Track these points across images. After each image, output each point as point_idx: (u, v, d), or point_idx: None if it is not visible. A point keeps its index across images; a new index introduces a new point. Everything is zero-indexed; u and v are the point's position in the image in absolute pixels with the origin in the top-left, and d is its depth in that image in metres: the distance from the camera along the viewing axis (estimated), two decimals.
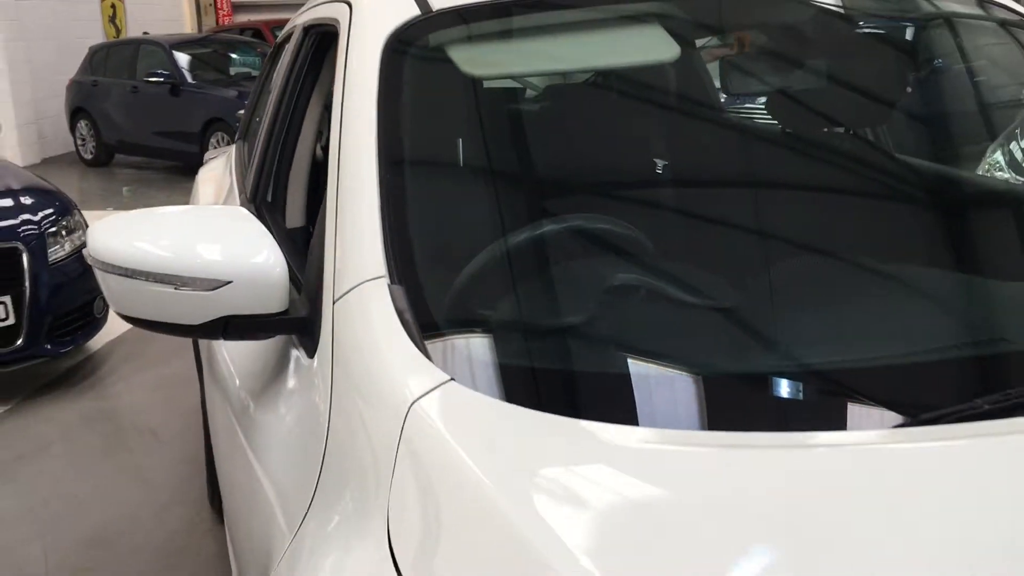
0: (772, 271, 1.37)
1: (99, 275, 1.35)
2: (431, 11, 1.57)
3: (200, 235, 1.32)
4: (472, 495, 0.93)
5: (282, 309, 1.33)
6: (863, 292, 1.34)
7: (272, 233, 1.37)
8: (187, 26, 16.72)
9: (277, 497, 1.26)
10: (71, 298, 4.30)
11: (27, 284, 4.11)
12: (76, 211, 4.59)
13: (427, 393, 1.05)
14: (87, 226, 4.45)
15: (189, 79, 10.10)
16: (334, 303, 1.26)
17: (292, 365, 1.40)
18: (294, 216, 2.12)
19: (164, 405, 4.20)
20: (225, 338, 1.34)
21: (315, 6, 2.11)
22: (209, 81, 10.17)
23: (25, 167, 8.57)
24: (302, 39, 2.13)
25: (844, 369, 1.17)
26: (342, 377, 1.19)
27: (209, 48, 11.28)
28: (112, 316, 4.81)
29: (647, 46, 1.64)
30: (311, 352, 1.30)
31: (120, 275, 1.31)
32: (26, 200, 4.42)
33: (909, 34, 1.92)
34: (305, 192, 2.12)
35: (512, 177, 1.49)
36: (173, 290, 1.29)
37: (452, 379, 1.07)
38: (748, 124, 1.65)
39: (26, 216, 4.26)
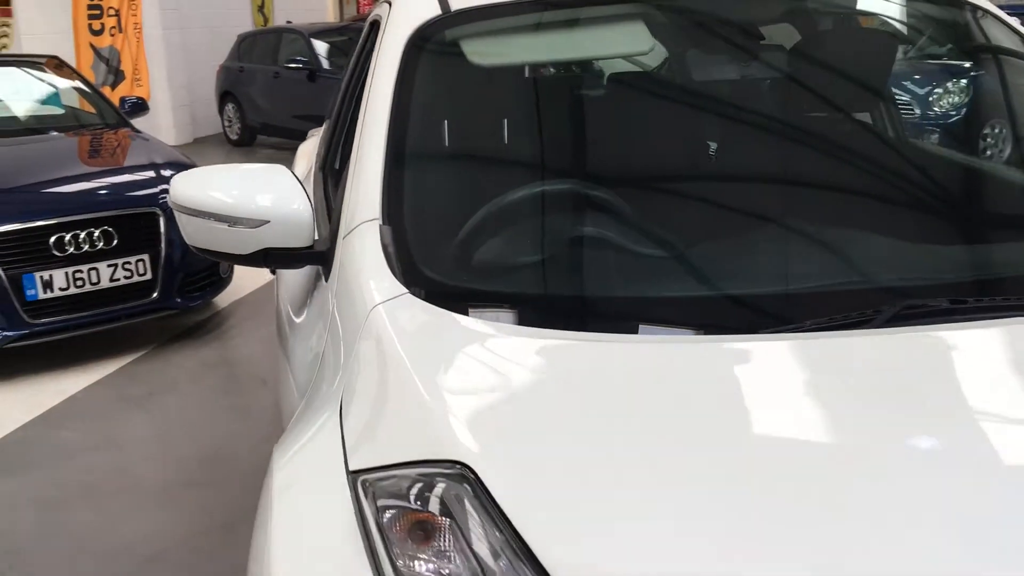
0: (687, 219, 1.69)
1: (177, 215, 1.78)
2: (450, 11, 1.94)
3: (249, 187, 1.73)
4: (395, 371, 1.30)
5: (308, 244, 1.73)
6: (765, 236, 1.64)
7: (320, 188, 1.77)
8: (329, 15, 17.59)
9: (295, 381, 1.67)
10: (200, 259, 4.87)
11: (163, 245, 4.71)
12: None
13: (386, 301, 1.43)
14: None
15: (325, 66, 10.77)
16: (343, 239, 1.65)
17: (316, 288, 1.80)
18: None
19: (275, 358, 4.73)
20: (265, 266, 1.75)
21: (378, 5, 2.51)
22: (343, 68, 10.82)
23: (178, 146, 9.43)
24: (368, 32, 2.54)
25: (708, 296, 1.50)
26: (341, 293, 1.58)
27: (346, 36, 11.93)
28: (236, 278, 5.41)
29: (627, 41, 1.97)
30: (327, 277, 1.70)
31: (190, 215, 1.74)
32: (166, 172, 5.03)
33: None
34: None
35: (488, 150, 1.86)
36: (227, 227, 1.71)
37: (407, 292, 1.44)
38: (708, 106, 1.96)
39: (165, 186, 4.86)
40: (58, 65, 6.39)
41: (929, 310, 1.38)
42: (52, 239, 4.42)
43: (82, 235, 4.47)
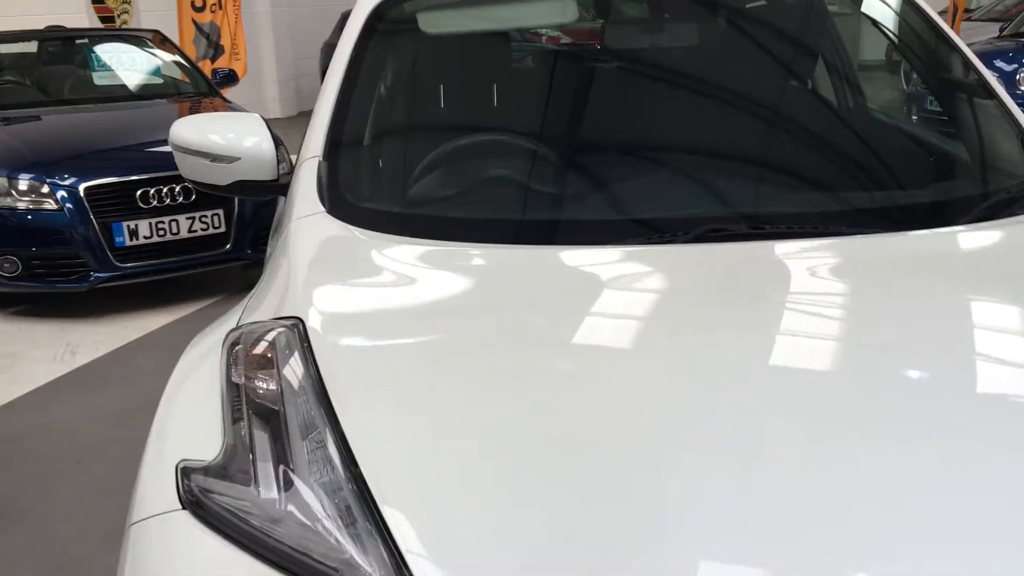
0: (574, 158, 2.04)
1: (175, 153, 2.21)
2: None
3: (225, 130, 2.15)
4: (286, 263, 1.69)
5: (273, 178, 2.14)
6: (639, 170, 1.97)
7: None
8: None
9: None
10: (270, 215, 5.37)
11: (235, 202, 5.23)
12: (282, 147, 5.69)
13: (304, 216, 1.82)
14: (290, 159, 5.53)
15: None
16: (299, 172, 2.05)
17: (283, 215, 2.21)
18: None
19: None
20: (240, 195, 2.17)
21: None
22: None
23: (282, 118, 9.98)
24: None
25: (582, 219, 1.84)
26: (285, 214, 1.98)
27: None
28: None
29: (557, 13, 2.31)
30: (288, 205, 2.11)
31: (183, 152, 2.17)
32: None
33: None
34: None
35: (414, 106, 2.23)
36: (209, 162, 2.13)
37: (324, 211, 1.83)
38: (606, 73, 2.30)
39: None
40: (161, 40, 7.02)
41: (730, 232, 1.70)
42: (138, 193, 4.99)
43: (164, 190, 5.02)
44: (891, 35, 2.43)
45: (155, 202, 5.02)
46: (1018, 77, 8.91)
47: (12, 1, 9.22)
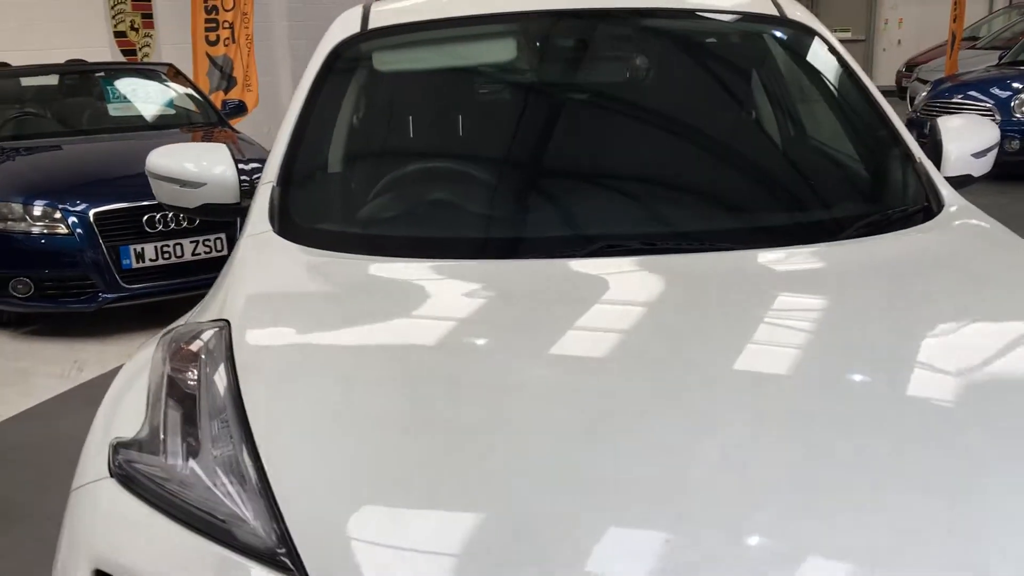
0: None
1: (150, 179, 2.45)
2: (367, 28, 2.55)
3: (195, 159, 2.39)
4: (230, 275, 1.92)
5: (236, 201, 2.37)
6: (547, 202, 2.20)
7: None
8: None
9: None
10: None
11: (237, 224, 5.49)
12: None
13: (254, 235, 2.05)
14: None
15: None
16: (255, 196, 2.28)
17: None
18: None
19: None
20: (206, 216, 2.40)
21: None
22: None
23: None
24: None
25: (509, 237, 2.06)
26: (241, 235, 2.21)
27: None
28: None
29: (498, 53, 2.54)
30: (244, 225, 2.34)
31: (158, 179, 2.41)
32: (243, 166, 5.83)
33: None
34: None
35: (361, 137, 2.47)
36: (180, 187, 2.37)
37: (271, 231, 2.06)
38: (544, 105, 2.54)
39: (245, 177, 5.66)
40: (175, 73, 7.34)
41: (626, 247, 1.91)
42: (145, 218, 5.26)
43: (170, 215, 5.29)
44: (809, 73, 2.63)
45: (161, 226, 5.29)
46: (1013, 104, 9.06)
47: (38, 35, 9.62)
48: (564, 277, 1.84)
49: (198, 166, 2.37)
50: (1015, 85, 9.30)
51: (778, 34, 2.62)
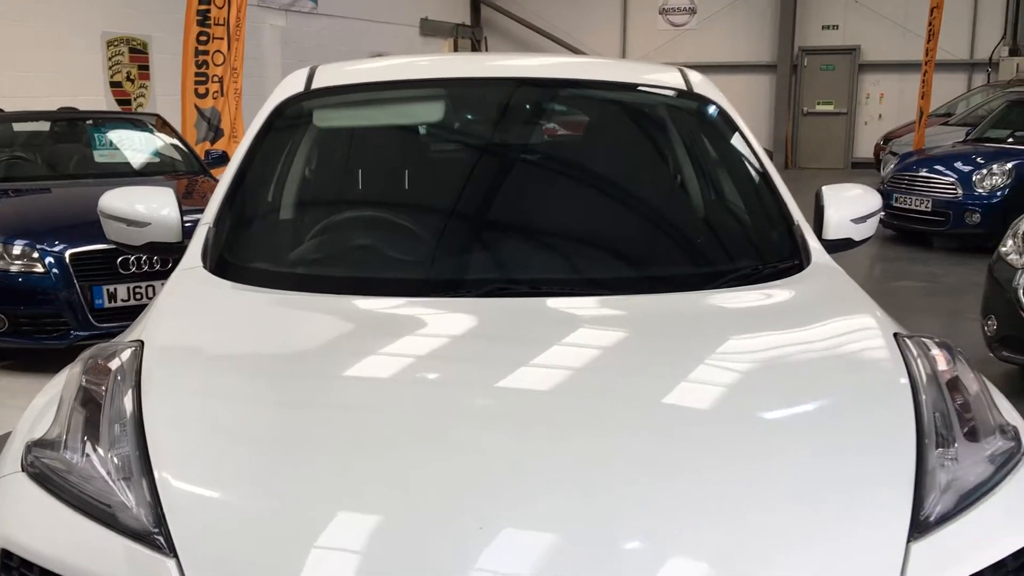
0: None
1: (101, 218, 2.67)
2: (310, 88, 2.80)
3: (143, 200, 2.61)
4: (153, 304, 2.13)
5: (178, 240, 2.59)
6: (460, 248, 2.43)
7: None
8: None
9: None
10: None
11: None
12: None
13: (187, 269, 2.27)
14: None
15: None
16: (194, 236, 2.50)
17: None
18: None
19: None
20: (151, 254, 2.62)
21: None
22: None
23: None
24: None
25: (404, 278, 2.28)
26: (176, 270, 2.43)
27: None
28: None
29: (426, 113, 2.79)
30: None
31: (107, 218, 2.63)
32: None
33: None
34: None
35: (291, 185, 2.70)
36: (126, 226, 2.59)
37: (201, 267, 2.28)
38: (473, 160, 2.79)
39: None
40: (163, 124, 7.63)
41: (515, 289, 2.15)
42: (119, 260, 5.48)
43: (144, 257, 5.51)
44: (708, 141, 2.88)
45: (134, 268, 5.51)
46: (974, 178, 9.38)
47: (36, 83, 9.96)
48: (450, 315, 2.08)
49: (146, 207, 2.59)
50: (978, 160, 9.63)
51: (683, 105, 2.88)
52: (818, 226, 2.59)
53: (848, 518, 1.46)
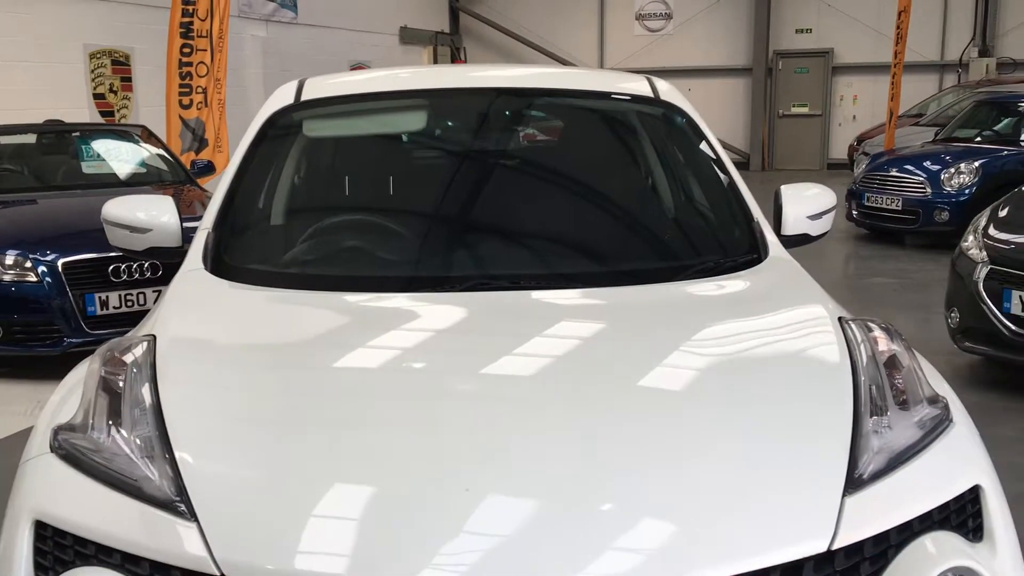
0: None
1: (105, 225, 2.83)
2: (300, 100, 2.97)
3: (144, 208, 2.77)
4: (161, 301, 2.30)
5: (178, 245, 2.75)
6: (445, 250, 2.61)
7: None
8: None
9: None
10: None
11: None
12: None
13: (190, 271, 2.44)
14: None
15: None
16: (194, 240, 2.66)
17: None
18: None
19: None
20: (153, 259, 2.79)
21: None
22: None
23: None
24: None
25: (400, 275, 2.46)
26: (179, 271, 2.60)
27: None
28: None
29: (409, 122, 2.98)
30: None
31: (111, 225, 2.79)
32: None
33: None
34: None
35: (285, 192, 2.87)
36: (129, 232, 2.76)
37: (203, 268, 2.45)
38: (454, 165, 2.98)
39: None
40: (148, 135, 7.77)
41: (497, 283, 2.34)
42: (111, 268, 5.63)
43: (135, 266, 5.66)
44: (674, 145, 3.08)
45: (125, 276, 5.66)
46: (943, 177, 9.63)
47: (20, 96, 10.06)
48: (435, 308, 2.27)
49: (147, 214, 2.75)
50: (946, 159, 9.89)
51: (651, 111, 3.07)
52: (777, 223, 2.78)
53: (790, 477, 1.64)
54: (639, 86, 3.07)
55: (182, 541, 1.54)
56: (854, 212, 10.51)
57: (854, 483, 1.64)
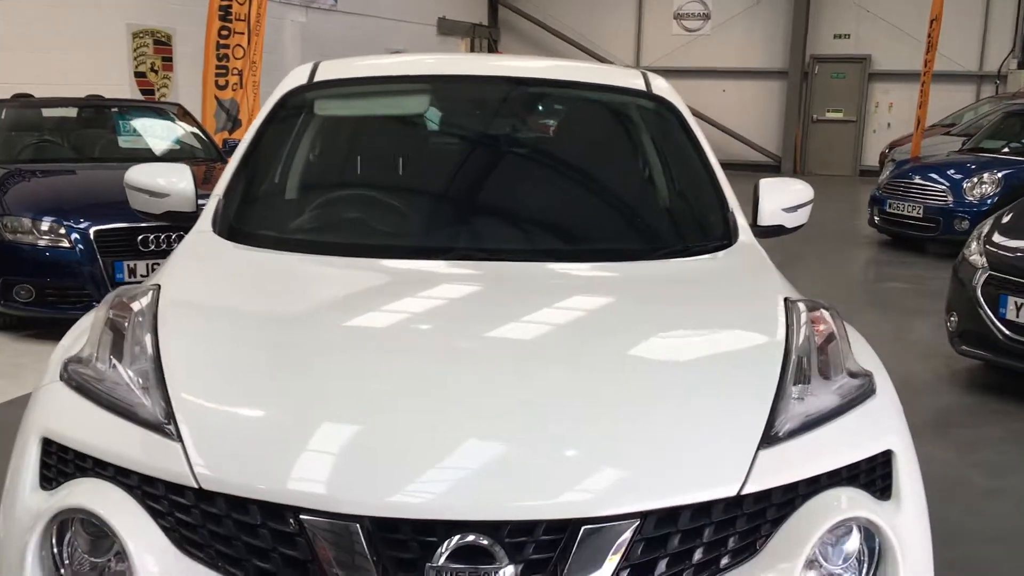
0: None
1: (127, 189, 3.06)
2: (313, 80, 3.18)
3: (163, 175, 3.00)
4: (169, 259, 2.53)
5: (193, 210, 2.97)
6: (443, 220, 2.82)
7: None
8: None
9: None
10: None
11: None
12: None
13: (200, 232, 2.66)
14: None
15: None
16: (207, 205, 2.88)
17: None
18: None
19: None
20: (169, 220, 3.01)
21: None
22: None
23: None
24: None
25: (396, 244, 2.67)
26: (191, 232, 2.81)
27: None
28: None
29: (412, 105, 3.18)
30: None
31: (132, 189, 3.02)
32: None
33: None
34: None
35: (294, 162, 3.08)
36: (148, 197, 2.98)
37: (211, 231, 2.67)
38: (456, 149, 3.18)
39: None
40: (184, 113, 8.05)
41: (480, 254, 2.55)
42: (140, 237, 5.90)
43: (163, 236, 5.93)
44: (662, 137, 3.25)
45: (153, 246, 5.93)
46: (965, 186, 9.68)
47: (65, 71, 10.40)
48: (422, 272, 2.48)
49: (166, 180, 2.98)
50: (970, 169, 9.92)
51: (642, 104, 3.24)
52: (754, 214, 2.95)
53: (714, 430, 1.83)
54: (633, 80, 3.24)
55: (167, 458, 1.75)
56: (876, 218, 10.58)
57: (769, 439, 1.81)
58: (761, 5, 19.18)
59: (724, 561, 1.72)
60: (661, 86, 3.24)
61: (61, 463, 1.86)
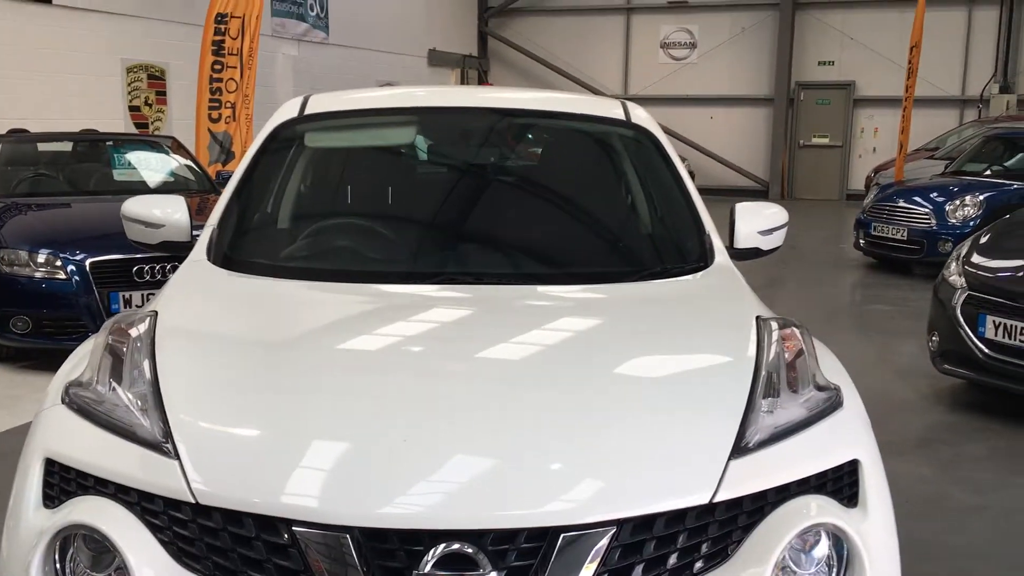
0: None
1: (124, 221, 3.16)
2: (304, 113, 3.29)
3: (159, 206, 3.10)
4: (165, 287, 2.62)
5: (188, 240, 3.07)
6: (428, 250, 2.92)
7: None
8: None
9: None
10: None
11: None
12: None
13: (195, 260, 2.76)
14: None
15: None
16: (201, 236, 2.98)
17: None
18: None
19: None
20: (164, 251, 3.10)
21: None
22: None
23: None
24: None
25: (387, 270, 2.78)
26: (186, 261, 2.91)
27: None
28: None
29: (399, 136, 3.30)
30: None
31: (129, 221, 3.12)
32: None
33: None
34: None
35: (283, 193, 3.19)
36: (144, 227, 3.08)
37: (206, 259, 2.76)
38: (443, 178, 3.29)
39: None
40: (177, 146, 8.17)
41: (463, 279, 2.65)
42: (135, 268, 5.99)
43: (157, 267, 6.02)
44: (641, 164, 3.37)
45: (148, 276, 6.01)
46: (947, 209, 9.83)
47: (60, 107, 10.54)
48: (408, 296, 2.59)
49: (161, 212, 3.08)
50: (953, 192, 10.08)
51: (622, 132, 3.36)
52: (731, 237, 3.06)
53: (687, 441, 1.92)
54: (613, 109, 3.36)
55: (165, 475, 1.84)
56: (861, 241, 10.72)
57: (740, 450, 1.91)
58: (746, 33, 19.46)
59: (697, 566, 1.80)
60: (640, 115, 3.36)
61: (63, 482, 1.95)
